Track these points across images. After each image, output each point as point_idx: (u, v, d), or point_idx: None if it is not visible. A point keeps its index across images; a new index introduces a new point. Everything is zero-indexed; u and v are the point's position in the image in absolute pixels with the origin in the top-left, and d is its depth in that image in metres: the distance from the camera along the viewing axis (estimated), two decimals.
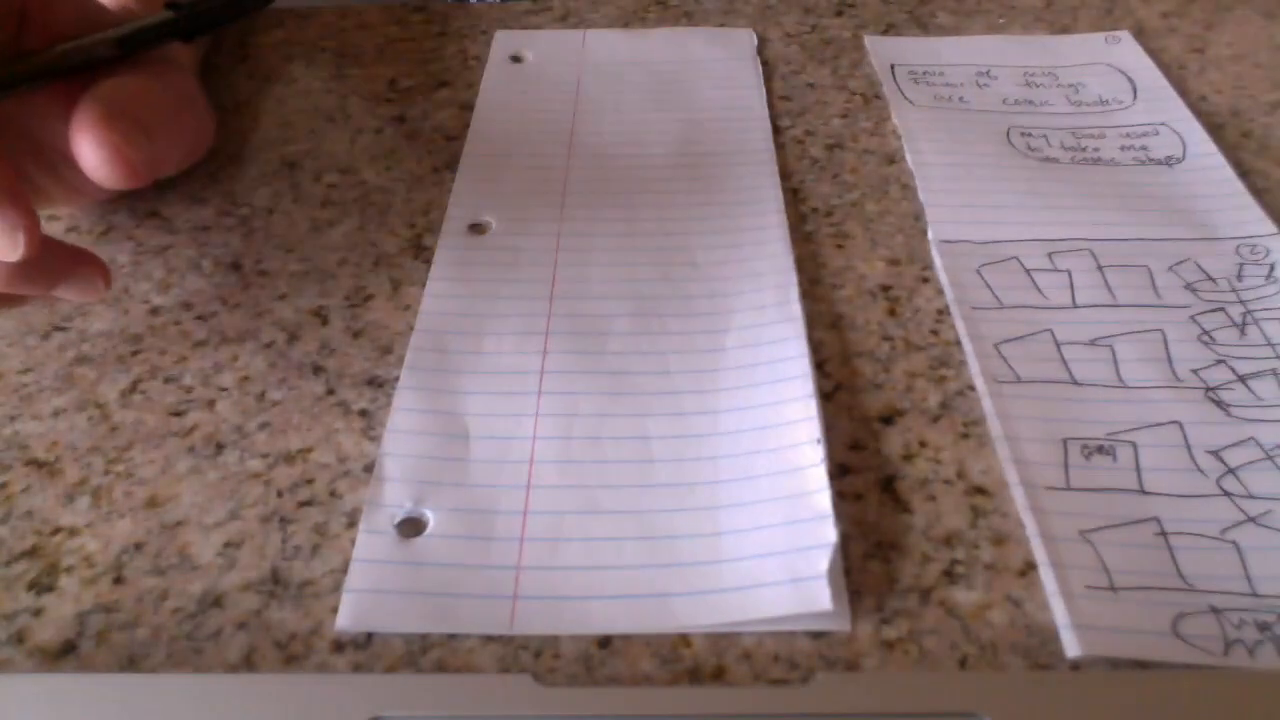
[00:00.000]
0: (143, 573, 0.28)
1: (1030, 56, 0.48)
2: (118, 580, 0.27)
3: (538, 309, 0.35)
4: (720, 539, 0.28)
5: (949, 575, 0.27)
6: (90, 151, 0.29)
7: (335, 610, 0.26)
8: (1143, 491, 0.29)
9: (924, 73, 0.47)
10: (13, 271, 0.29)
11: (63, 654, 0.26)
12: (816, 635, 0.26)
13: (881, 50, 0.49)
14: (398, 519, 0.28)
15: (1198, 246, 0.37)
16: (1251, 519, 0.28)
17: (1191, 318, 0.34)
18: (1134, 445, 0.30)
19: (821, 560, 0.26)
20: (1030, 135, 0.43)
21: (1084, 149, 0.42)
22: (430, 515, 0.29)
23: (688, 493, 0.29)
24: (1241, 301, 0.35)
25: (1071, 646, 0.25)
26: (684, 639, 0.26)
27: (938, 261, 0.37)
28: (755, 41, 0.50)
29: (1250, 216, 0.38)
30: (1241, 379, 0.32)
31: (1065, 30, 0.50)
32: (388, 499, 0.29)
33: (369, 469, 0.30)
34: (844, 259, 0.37)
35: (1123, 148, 0.42)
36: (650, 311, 0.35)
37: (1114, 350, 0.33)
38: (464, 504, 0.29)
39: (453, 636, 0.26)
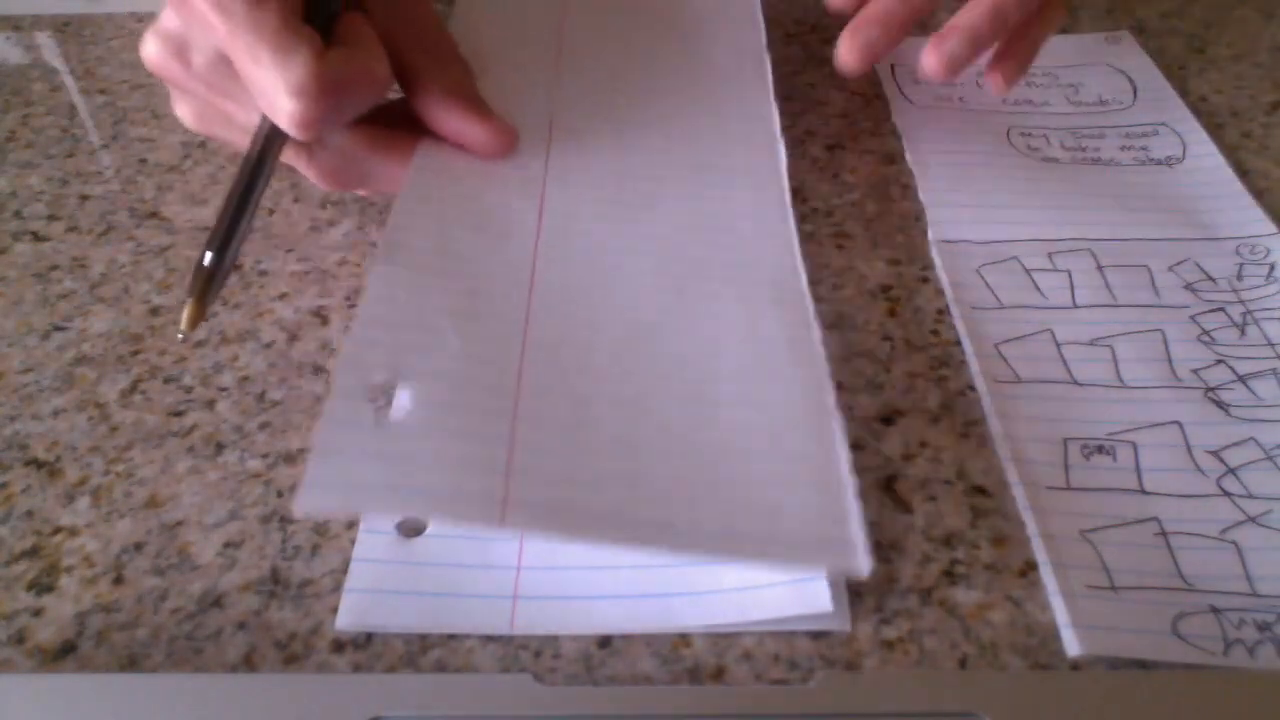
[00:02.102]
0: (143, 573, 0.28)
1: None
2: (118, 580, 0.27)
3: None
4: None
5: (949, 575, 0.27)
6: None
7: (335, 610, 0.26)
8: (1143, 491, 0.29)
9: None
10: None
11: (63, 654, 0.26)
12: (816, 635, 0.26)
13: None
14: (398, 518, 0.28)
15: (1197, 246, 0.37)
16: (1251, 519, 0.28)
17: (1191, 318, 0.34)
18: (1134, 445, 0.30)
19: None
20: (1030, 135, 0.43)
21: (1084, 149, 0.42)
22: None
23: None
24: (1241, 301, 0.35)
25: (1072, 645, 0.25)
26: (684, 639, 0.26)
27: (938, 261, 0.37)
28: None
29: (1250, 216, 0.38)
30: (1241, 379, 0.32)
31: (1065, 30, 0.50)
32: None
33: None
34: (844, 259, 0.37)
35: (1123, 148, 0.42)
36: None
37: (1114, 350, 0.33)
38: None
39: (453, 636, 0.26)
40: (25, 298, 0.36)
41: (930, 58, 0.37)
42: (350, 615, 0.26)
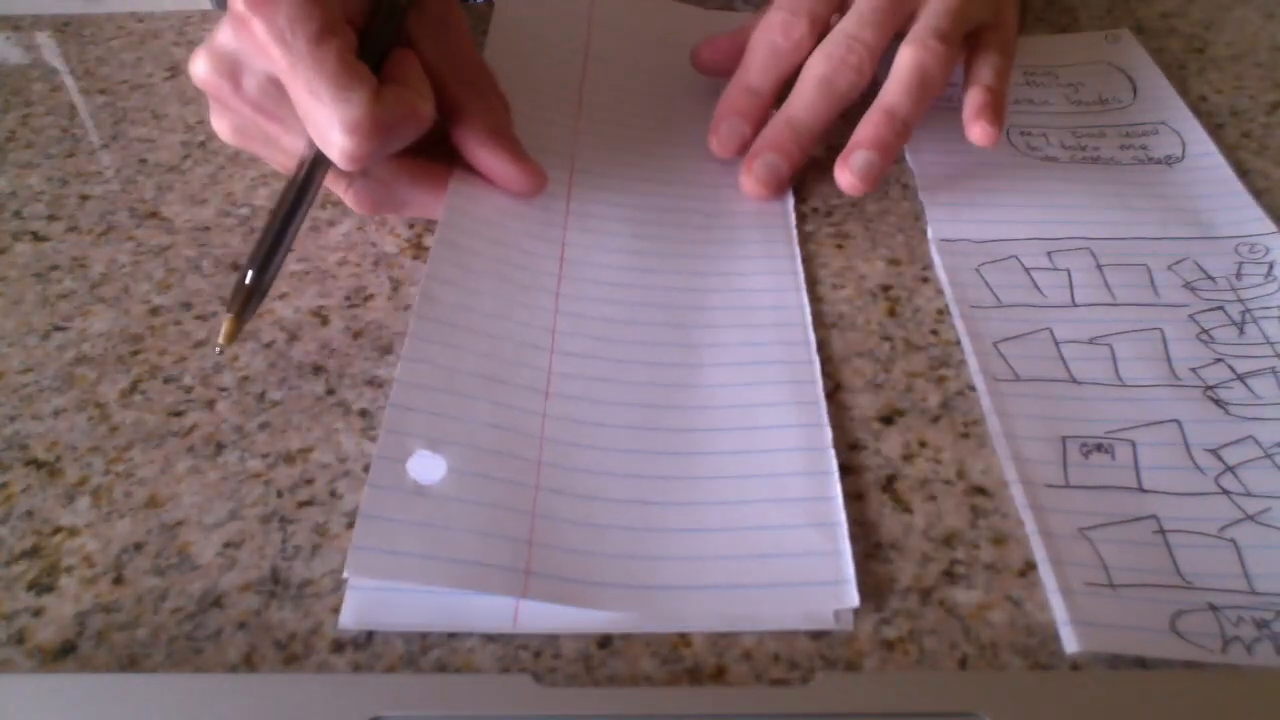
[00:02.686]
0: (143, 573, 0.28)
1: (1030, 56, 0.48)
2: (118, 580, 0.27)
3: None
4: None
5: (949, 575, 0.27)
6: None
7: (335, 610, 0.26)
8: (1141, 489, 0.29)
9: None
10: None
11: (63, 654, 0.26)
12: (816, 635, 0.26)
13: None
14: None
15: (1197, 245, 0.37)
16: (1250, 517, 0.28)
17: (1190, 316, 0.34)
18: (1133, 444, 0.30)
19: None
20: (1030, 134, 0.43)
21: (1084, 148, 0.42)
22: None
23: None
24: (1240, 300, 0.35)
25: (1070, 642, 0.25)
26: (684, 639, 0.26)
27: (937, 261, 0.37)
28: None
29: (1249, 216, 0.38)
30: (1240, 377, 0.32)
31: (1065, 30, 0.50)
32: None
33: (369, 469, 0.30)
34: (844, 259, 0.37)
35: (1122, 147, 0.42)
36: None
37: (1113, 349, 0.33)
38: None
39: (453, 636, 0.26)
40: (25, 298, 0.36)
41: (843, 177, 0.37)
42: (354, 614, 0.26)
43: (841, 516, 0.28)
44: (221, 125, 0.35)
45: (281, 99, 0.32)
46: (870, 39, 0.38)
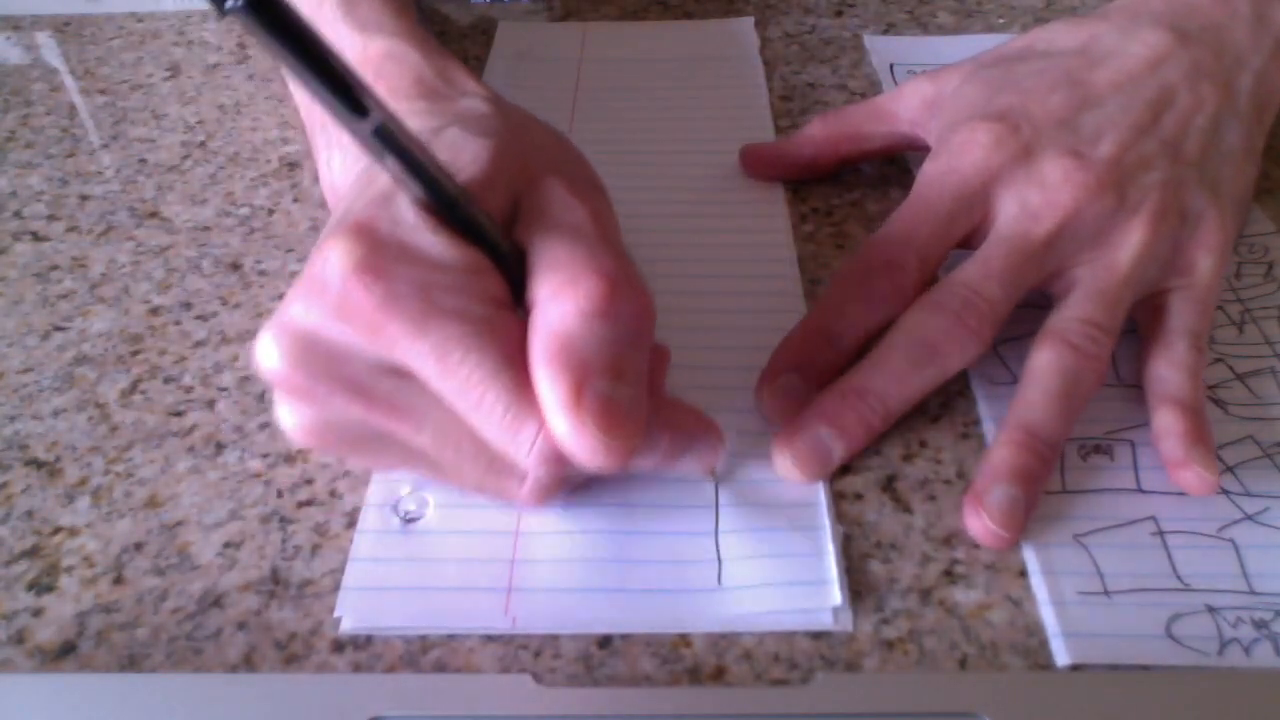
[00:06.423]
0: (143, 573, 0.28)
1: None
2: (118, 580, 0.27)
3: None
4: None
5: (949, 575, 0.27)
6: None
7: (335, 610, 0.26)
8: (1140, 490, 0.29)
9: (924, 72, 0.47)
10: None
11: (63, 654, 0.26)
12: (816, 635, 0.26)
13: (881, 50, 0.49)
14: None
15: None
16: (1249, 517, 0.28)
17: None
18: (1131, 444, 0.30)
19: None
20: None
21: None
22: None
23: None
24: (1240, 300, 0.35)
25: (1061, 654, 0.25)
26: (684, 639, 0.26)
27: None
28: (756, 39, 0.50)
29: (1249, 216, 0.38)
30: (1239, 377, 0.32)
31: None
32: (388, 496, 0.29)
33: (359, 512, 0.30)
34: (844, 259, 0.37)
35: None
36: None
37: None
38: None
39: (453, 636, 0.26)
40: (25, 298, 0.36)
41: (975, 523, 0.28)
42: (353, 616, 0.26)
43: (826, 520, 0.28)
44: (296, 420, 0.25)
45: (407, 387, 0.24)
46: (997, 296, 0.29)
